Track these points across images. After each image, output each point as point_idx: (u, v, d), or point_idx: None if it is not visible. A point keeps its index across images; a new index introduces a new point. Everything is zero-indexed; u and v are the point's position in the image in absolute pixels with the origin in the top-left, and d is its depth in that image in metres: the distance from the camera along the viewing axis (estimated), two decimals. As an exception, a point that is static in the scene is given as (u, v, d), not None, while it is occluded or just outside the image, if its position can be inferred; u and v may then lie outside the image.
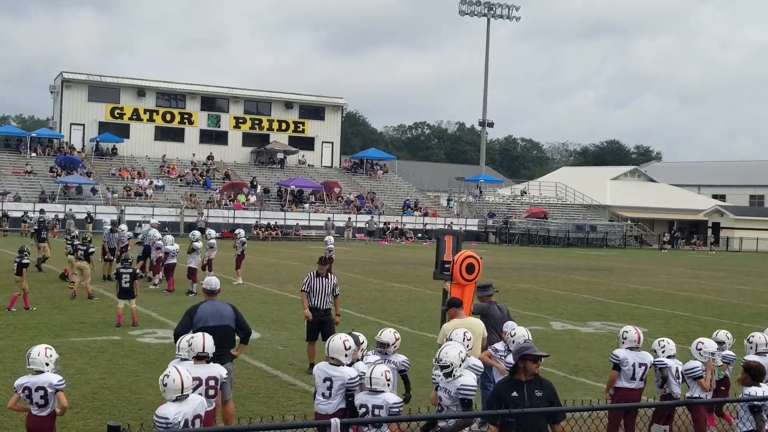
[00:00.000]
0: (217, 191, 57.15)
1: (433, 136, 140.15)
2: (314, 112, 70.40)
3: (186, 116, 65.74)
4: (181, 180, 59.15)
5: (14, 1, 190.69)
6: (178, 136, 65.50)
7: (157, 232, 24.40)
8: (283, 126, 68.69)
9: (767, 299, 27.11)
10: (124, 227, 26.66)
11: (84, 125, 62.64)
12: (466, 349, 8.31)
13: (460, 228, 57.01)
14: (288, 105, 68.96)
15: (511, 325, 9.86)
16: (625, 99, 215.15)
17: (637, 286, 29.42)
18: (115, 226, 27.06)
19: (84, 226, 40.22)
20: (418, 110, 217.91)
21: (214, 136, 66.55)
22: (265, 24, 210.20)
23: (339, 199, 61.03)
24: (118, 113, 63.59)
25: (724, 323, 20.42)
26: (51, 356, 7.63)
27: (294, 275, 28.23)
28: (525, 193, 74.32)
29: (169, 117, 65.26)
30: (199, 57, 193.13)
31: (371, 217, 56.85)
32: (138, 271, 18.30)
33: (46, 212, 44.25)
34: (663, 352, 9.25)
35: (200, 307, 9.46)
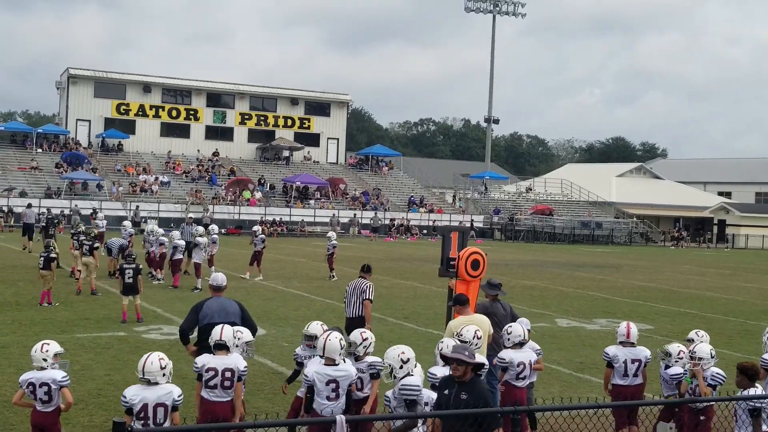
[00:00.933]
0: (222, 187, 57.22)
1: (438, 132, 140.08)
2: (320, 108, 70.37)
3: (191, 112, 65.77)
4: (186, 176, 59.22)
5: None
6: (183, 132, 65.54)
7: (158, 229, 24.48)
8: (289, 122, 68.69)
9: (773, 297, 27.03)
10: (128, 224, 26.71)
11: (90, 121, 62.71)
12: (475, 347, 8.28)
13: (469, 223, 56.94)
14: (293, 101, 68.95)
15: (525, 321, 9.85)
16: (631, 96, 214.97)
17: (643, 283, 29.35)
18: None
19: (90, 221, 40.27)
20: (424, 107, 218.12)
21: (219, 132, 66.58)
22: (271, 20, 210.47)
23: (344, 196, 61.02)
24: (123, 109, 63.66)
25: (730, 320, 20.39)
26: (47, 351, 7.58)
27: (299, 271, 28.23)
28: (530, 189, 74.23)
29: (174, 113, 65.30)
30: (204, 53, 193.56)
31: (375, 213, 56.86)
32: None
33: (33, 208, 44.27)
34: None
35: (206, 304, 9.46)
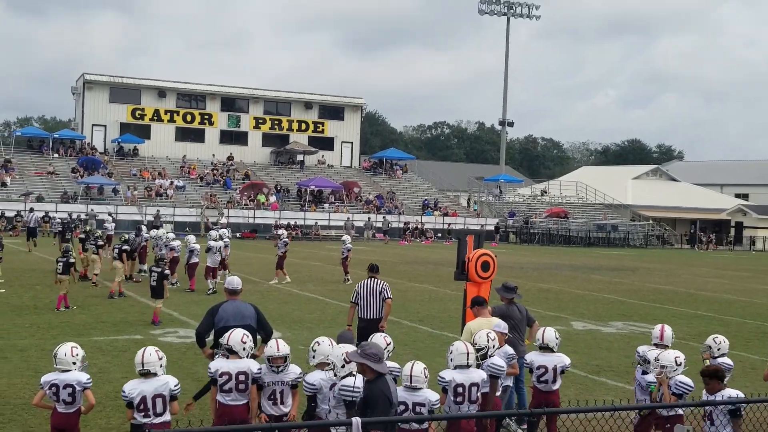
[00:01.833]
0: (237, 191, 57.41)
1: (452, 135, 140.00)
2: (334, 112, 70.51)
3: (206, 117, 66.06)
4: (201, 180, 59.47)
5: (37, 2, 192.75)
6: (198, 136, 65.85)
7: (169, 233, 24.70)
8: (303, 126, 68.85)
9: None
10: (143, 228, 26.84)
11: (105, 126, 63.12)
12: (492, 348, 8.26)
13: (482, 227, 56.88)
14: (307, 105, 69.12)
15: (503, 325, 9.56)
16: (646, 97, 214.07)
17: (659, 286, 29.22)
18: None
19: (104, 225, 40.43)
20: (438, 110, 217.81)
21: (234, 137, 66.84)
22: (285, 24, 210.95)
23: (358, 199, 61.09)
24: (139, 114, 64.03)
25: (748, 323, 20.28)
26: (77, 355, 7.67)
27: (314, 275, 28.28)
28: (545, 192, 74.03)
29: (189, 118, 65.61)
30: (219, 57, 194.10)
31: (384, 217, 56.84)
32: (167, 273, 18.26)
33: (40, 212, 44.52)
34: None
35: (222, 307, 9.47)
